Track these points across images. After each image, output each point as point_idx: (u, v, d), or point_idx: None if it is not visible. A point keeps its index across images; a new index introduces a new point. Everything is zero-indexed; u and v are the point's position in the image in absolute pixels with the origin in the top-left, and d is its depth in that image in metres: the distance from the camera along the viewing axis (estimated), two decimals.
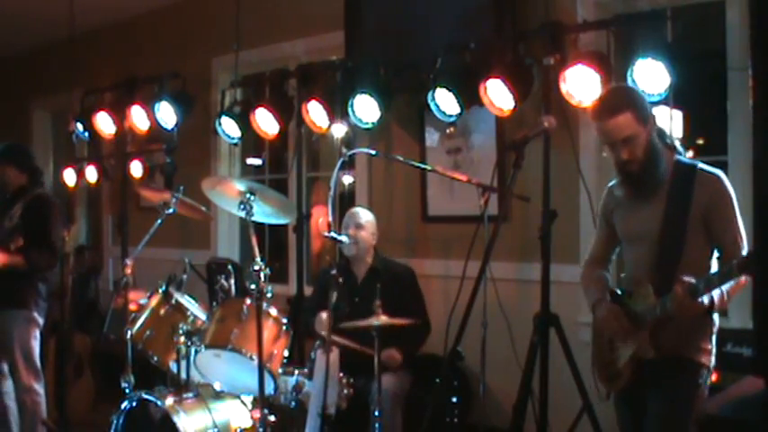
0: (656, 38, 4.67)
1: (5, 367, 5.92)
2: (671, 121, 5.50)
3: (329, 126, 6.35)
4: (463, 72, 5.40)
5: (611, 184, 3.99)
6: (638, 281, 3.76)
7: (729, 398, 3.77)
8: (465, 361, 5.40)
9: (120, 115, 7.87)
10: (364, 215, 5.66)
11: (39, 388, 5.90)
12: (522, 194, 4.78)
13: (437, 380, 4.99)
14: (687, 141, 5.86)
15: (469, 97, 5.34)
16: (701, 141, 5.92)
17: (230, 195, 4.47)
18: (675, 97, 5.17)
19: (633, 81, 4.54)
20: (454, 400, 5.60)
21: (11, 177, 6.02)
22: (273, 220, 4.84)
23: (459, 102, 5.38)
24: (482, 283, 4.25)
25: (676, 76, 4.48)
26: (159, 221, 5.18)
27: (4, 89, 11.81)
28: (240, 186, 4.39)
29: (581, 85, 4.76)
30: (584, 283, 4.17)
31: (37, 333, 5.92)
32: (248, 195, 4.35)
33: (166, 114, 7.31)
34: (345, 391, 4.67)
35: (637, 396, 3.81)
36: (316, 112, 6.24)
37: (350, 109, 5.92)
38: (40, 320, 5.94)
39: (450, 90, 5.37)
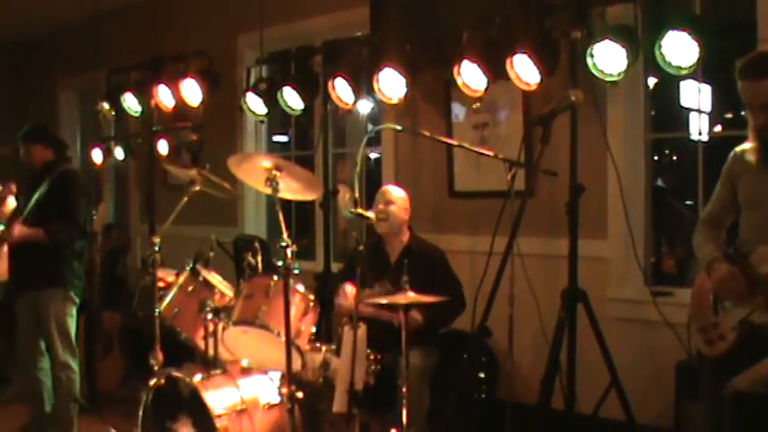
0: (684, 10, 4.63)
1: (43, 345, 5.98)
2: (699, 95, 5.47)
3: (355, 102, 6.33)
4: (489, 46, 5.37)
5: (739, 148, 3.89)
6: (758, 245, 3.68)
7: (760, 374, 3.74)
8: (492, 337, 5.39)
9: (146, 94, 7.88)
10: (395, 191, 5.62)
11: (74, 364, 5.96)
12: (549, 169, 4.75)
13: (465, 356, 4.99)
14: (716, 115, 5.82)
15: (496, 72, 5.30)
16: (729, 115, 5.88)
17: (257, 172, 4.46)
18: (704, 71, 5.13)
19: (661, 55, 4.49)
20: (482, 375, 5.60)
21: (38, 155, 6.06)
22: (300, 197, 4.82)
23: (485, 76, 5.35)
24: (509, 258, 4.24)
25: (705, 49, 4.42)
26: (186, 199, 5.19)
27: (31, 70, 11.87)
28: (266, 163, 4.38)
29: (608, 58, 4.71)
30: (698, 241, 4.05)
31: (73, 311, 5.97)
32: (275, 172, 4.34)
33: (192, 92, 7.32)
34: (372, 367, 4.67)
35: (738, 363, 3.68)
36: (341, 89, 6.23)
37: (375, 85, 5.90)
38: (76, 299, 5.99)
39: (476, 65, 5.34)
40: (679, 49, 4.45)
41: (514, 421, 4.63)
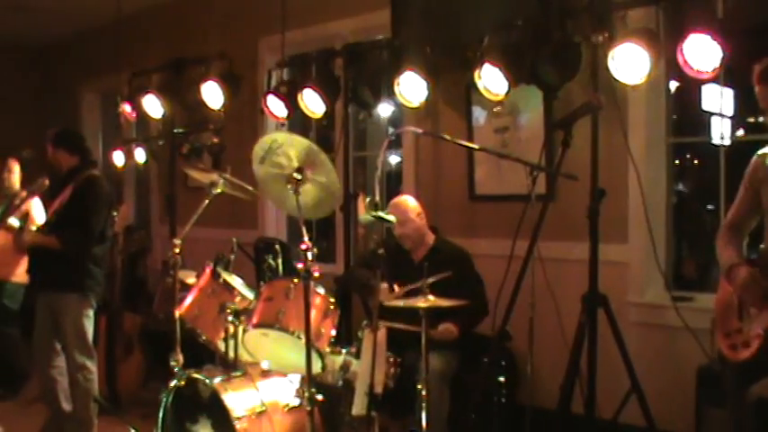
0: (707, 13, 4.59)
1: (58, 345, 6.02)
2: (721, 99, 5.44)
3: (375, 106, 6.33)
4: (510, 50, 5.36)
5: (761, 151, 3.88)
6: None
7: None
8: (513, 341, 5.39)
9: (167, 96, 7.92)
10: (404, 208, 5.59)
11: (91, 366, 5.99)
12: (569, 173, 4.74)
13: (485, 359, 4.98)
14: (738, 119, 5.79)
15: (517, 75, 5.29)
16: (752, 119, 5.84)
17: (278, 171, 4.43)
18: (726, 74, 5.10)
19: (683, 58, 4.47)
20: (501, 379, 5.58)
21: (63, 160, 6.09)
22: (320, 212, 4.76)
23: (506, 80, 5.34)
24: (530, 262, 4.23)
25: (727, 53, 4.40)
26: (207, 202, 5.21)
27: (53, 73, 11.95)
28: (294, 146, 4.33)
29: (630, 62, 4.69)
30: (720, 245, 4.03)
31: (90, 313, 5.99)
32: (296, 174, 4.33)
33: (213, 95, 7.34)
34: (392, 370, 4.68)
35: (761, 369, 3.66)
36: (361, 92, 6.23)
37: (396, 88, 5.90)
38: (93, 302, 6.01)
39: (497, 68, 5.33)
40: (701, 52, 4.43)
41: (534, 426, 4.63)
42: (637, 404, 4.73)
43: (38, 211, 6.88)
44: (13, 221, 6.35)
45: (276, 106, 6.72)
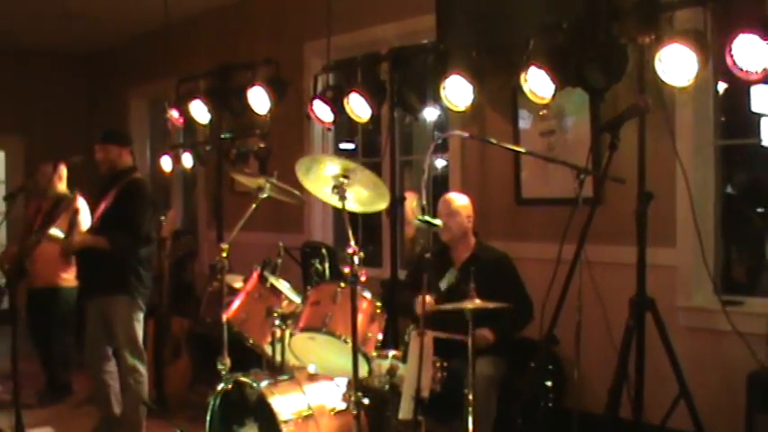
0: (755, 13, 4.54)
1: (110, 350, 6.09)
2: None
3: (421, 110, 6.33)
4: (556, 53, 5.33)
5: None
6: None
7: None
8: (560, 345, 5.36)
9: (214, 102, 7.98)
10: (456, 200, 5.60)
11: (142, 369, 6.07)
12: (617, 176, 4.71)
13: (532, 364, 4.96)
14: None
15: (563, 78, 5.27)
16: None
17: (323, 180, 4.46)
18: None
19: (731, 59, 4.42)
20: (549, 384, 5.56)
21: (122, 160, 6.16)
22: (366, 208, 4.77)
23: (552, 83, 5.31)
24: (577, 266, 4.21)
25: None
26: (254, 206, 5.24)
27: (102, 79, 12.11)
28: (335, 166, 4.37)
29: (677, 64, 4.65)
30: None
31: (140, 316, 6.08)
32: (341, 179, 4.35)
33: (260, 100, 7.38)
34: (439, 375, 4.67)
35: None
36: (407, 96, 6.24)
37: (442, 92, 5.89)
38: (143, 305, 6.08)
39: (543, 71, 5.31)
40: (750, 52, 4.37)
41: (581, 430, 4.59)
42: (685, 409, 4.68)
43: (85, 215, 6.96)
44: (56, 232, 6.45)
45: (322, 111, 6.74)
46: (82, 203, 7.06)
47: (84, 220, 6.84)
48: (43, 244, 6.72)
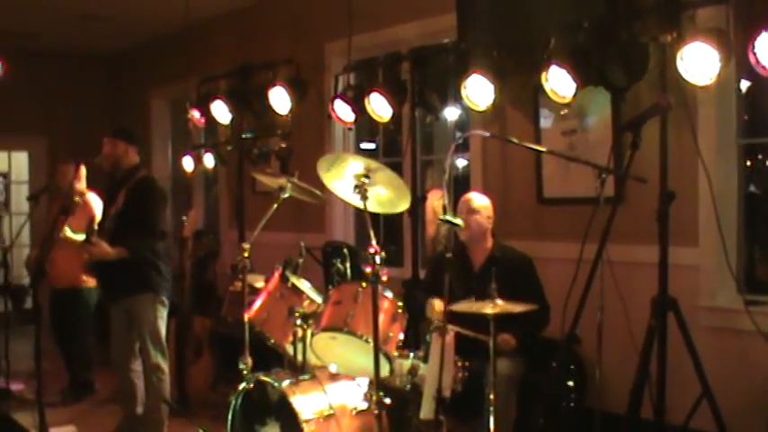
0: None
1: (137, 347, 6.12)
2: None
3: (442, 109, 6.33)
4: (577, 51, 5.31)
5: None
6: None
7: None
8: (581, 344, 5.34)
9: (235, 102, 8.00)
10: (478, 200, 5.59)
11: (165, 367, 6.11)
12: (638, 176, 4.69)
13: (553, 364, 4.95)
14: None
15: (584, 77, 5.25)
16: None
17: (346, 179, 4.46)
18: None
19: (754, 57, 4.39)
20: (570, 383, 5.55)
21: (128, 157, 6.18)
22: (388, 209, 4.77)
23: (573, 82, 5.30)
24: (599, 265, 4.20)
25: None
26: (276, 206, 5.25)
27: (123, 80, 12.17)
28: (358, 165, 4.37)
29: (699, 62, 4.62)
30: None
31: (164, 313, 6.12)
32: (363, 179, 4.35)
33: (281, 100, 7.39)
34: (460, 375, 4.67)
35: None
36: (428, 96, 6.24)
37: (463, 91, 5.88)
38: (166, 301, 6.12)
39: (564, 70, 5.29)
40: None
41: (603, 430, 4.58)
42: (708, 410, 4.66)
43: (98, 211, 7.01)
44: (70, 234, 6.49)
45: (343, 111, 6.74)
46: (97, 203, 7.11)
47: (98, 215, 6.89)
48: (63, 245, 6.76)
